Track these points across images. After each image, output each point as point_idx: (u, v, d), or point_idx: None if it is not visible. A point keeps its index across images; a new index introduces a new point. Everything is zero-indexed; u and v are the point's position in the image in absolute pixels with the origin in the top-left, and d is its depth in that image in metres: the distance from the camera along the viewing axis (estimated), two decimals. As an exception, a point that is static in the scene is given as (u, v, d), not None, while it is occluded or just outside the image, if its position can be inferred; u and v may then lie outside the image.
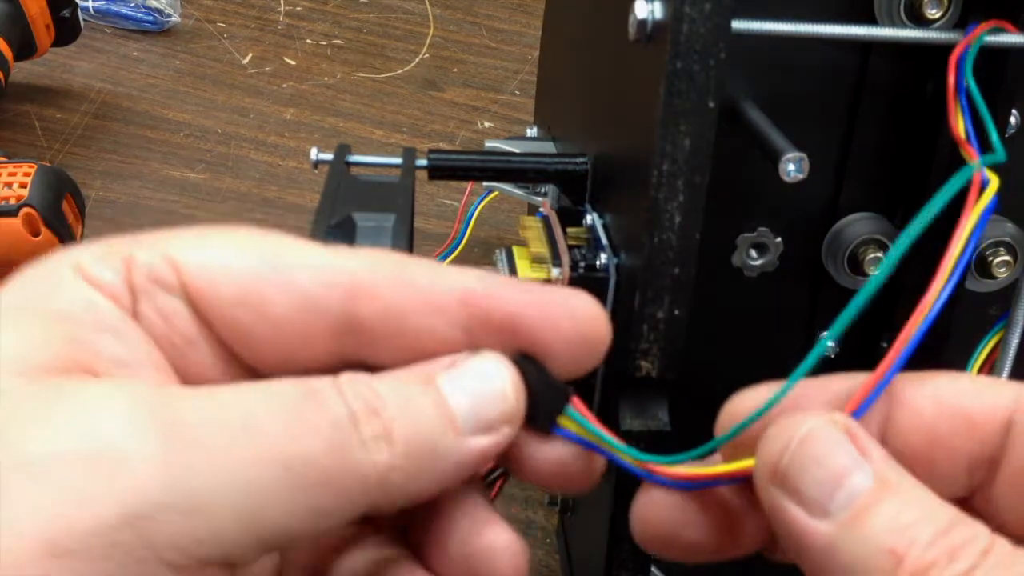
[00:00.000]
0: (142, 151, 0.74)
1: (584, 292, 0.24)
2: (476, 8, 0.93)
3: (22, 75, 0.77)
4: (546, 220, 0.36)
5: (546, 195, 0.49)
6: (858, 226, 0.35)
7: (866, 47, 0.33)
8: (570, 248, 0.34)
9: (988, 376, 0.33)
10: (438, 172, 0.39)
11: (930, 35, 0.31)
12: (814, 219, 0.35)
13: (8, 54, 0.70)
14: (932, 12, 0.31)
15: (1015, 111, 0.33)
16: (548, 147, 0.48)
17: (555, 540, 0.52)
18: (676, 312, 0.31)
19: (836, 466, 0.22)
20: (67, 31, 0.75)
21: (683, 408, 0.32)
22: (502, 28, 0.91)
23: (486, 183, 0.61)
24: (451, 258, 0.65)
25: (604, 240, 0.34)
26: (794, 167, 0.30)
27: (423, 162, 0.38)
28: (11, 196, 0.57)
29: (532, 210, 0.56)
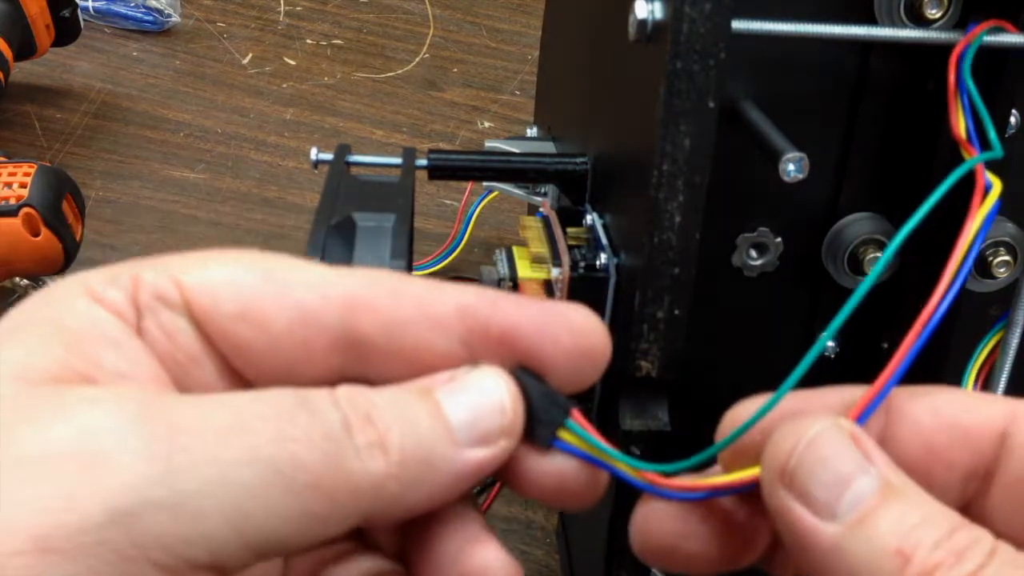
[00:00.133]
0: (142, 151, 0.74)
1: (584, 306, 0.24)
2: (476, 8, 0.93)
3: (22, 75, 0.77)
4: (546, 220, 0.36)
5: (546, 195, 0.49)
6: (858, 226, 0.35)
7: (866, 47, 0.33)
8: (570, 248, 0.34)
9: (983, 392, 0.33)
10: (438, 172, 0.39)
11: (930, 35, 0.31)
12: (814, 219, 0.35)
13: (8, 54, 0.70)
14: (932, 12, 0.31)
15: (1015, 111, 0.33)
16: (548, 147, 0.48)
17: (555, 540, 0.52)
18: (676, 312, 0.31)
19: (843, 469, 0.22)
20: (67, 31, 0.75)
21: (683, 408, 0.32)
22: (502, 28, 0.91)
23: (486, 183, 0.62)
24: (451, 258, 0.65)
25: (604, 240, 0.34)
26: (794, 167, 0.30)
27: (423, 162, 0.38)
28: (11, 196, 0.57)
29: (532, 210, 0.56)
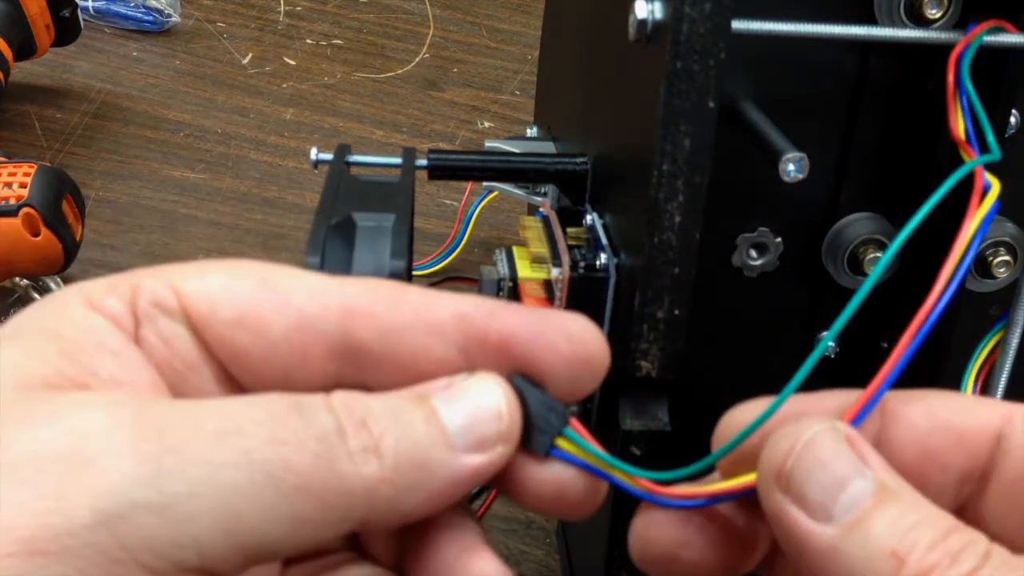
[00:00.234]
0: (142, 151, 0.74)
1: (582, 315, 0.24)
2: (476, 8, 0.93)
3: (22, 75, 0.77)
4: (546, 220, 0.36)
5: (546, 195, 0.49)
6: (858, 226, 0.35)
7: (866, 47, 0.33)
8: (570, 248, 0.34)
9: (978, 396, 0.33)
10: (438, 172, 0.39)
11: (930, 35, 0.31)
12: (814, 219, 0.35)
13: (8, 54, 0.70)
14: (932, 12, 0.31)
15: (1015, 111, 0.33)
16: (548, 147, 0.48)
17: (555, 540, 0.52)
18: (676, 312, 0.31)
19: (839, 471, 0.22)
20: (67, 31, 0.75)
21: (683, 408, 0.32)
22: (502, 28, 0.91)
23: (486, 183, 0.61)
24: (451, 258, 0.65)
25: (604, 240, 0.34)
26: (794, 167, 0.30)
27: (423, 162, 0.38)
28: (11, 196, 0.57)
29: (532, 210, 0.56)
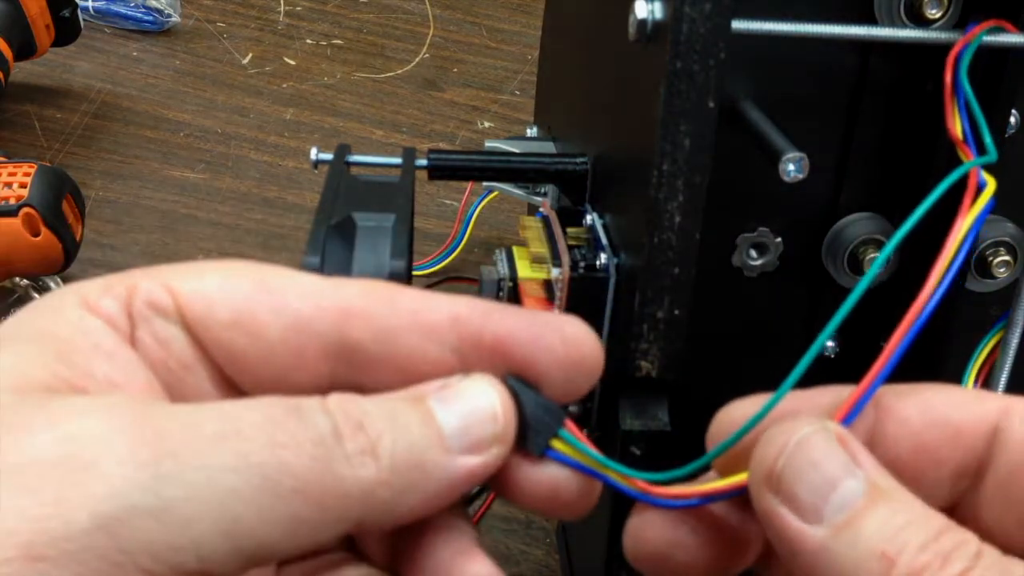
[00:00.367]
0: (142, 151, 0.74)
1: (577, 317, 0.24)
2: (476, 8, 0.93)
3: (22, 75, 0.77)
4: (546, 220, 0.36)
5: (546, 195, 0.49)
6: (858, 226, 0.35)
7: (866, 47, 0.33)
8: (570, 248, 0.34)
9: (975, 389, 0.33)
10: (438, 172, 0.39)
11: (930, 35, 0.31)
12: (814, 219, 0.35)
13: (8, 54, 0.70)
14: (932, 12, 0.31)
15: (1015, 111, 0.33)
16: (548, 147, 0.48)
17: (555, 540, 0.52)
18: (676, 312, 0.31)
19: (830, 471, 0.22)
20: (67, 31, 0.75)
21: (683, 408, 0.32)
22: (502, 28, 0.91)
23: (486, 183, 0.61)
24: (451, 258, 0.65)
25: (604, 240, 0.34)
26: (794, 167, 0.30)
27: (423, 162, 0.38)
28: (11, 196, 0.57)
29: (532, 210, 0.56)
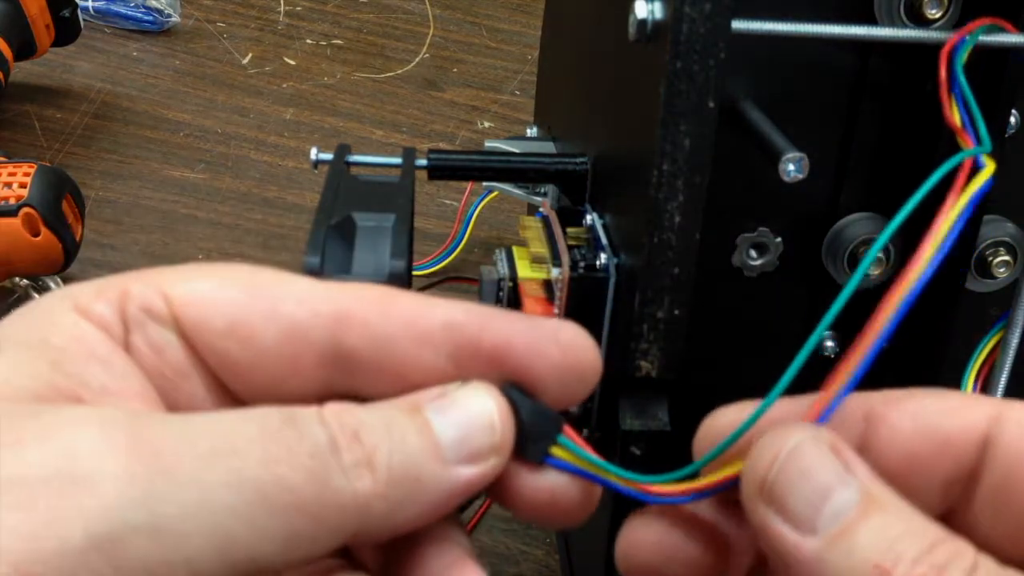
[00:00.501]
0: (142, 151, 0.74)
1: (573, 323, 0.24)
2: (476, 8, 0.93)
3: (22, 75, 0.77)
4: (546, 220, 0.36)
5: (546, 195, 0.49)
6: (858, 226, 0.35)
7: (866, 47, 0.33)
8: (570, 248, 0.34)
9: (967, 393, 0.33)
10: (438, 172, 0.39)
11: (930, 35, 0.31)
12: (814, 219, 0.35)
13: (8, 54, 0.70)
14: (932, 12, 0.31)
15: (1015, 111, 0.33)
16: (548, 147, 0.48)
17: (555, 540, 0.52)
18: (676, 312, 0.31)
19: (823, 481, 0.22)
20: (67, 31, 0.75)
21: (683, 408, 0.32)
22: (502, 28, 0.91)
23: (486, 183, 0.61)
24: (451, 258, 0.65)
25: (604, 240, 0.34)
26: (794, 167, 0.30)
27: (423, 162, 0.38)
28: (11, 196, 0.57)
29: (532, 210, 0.56)
